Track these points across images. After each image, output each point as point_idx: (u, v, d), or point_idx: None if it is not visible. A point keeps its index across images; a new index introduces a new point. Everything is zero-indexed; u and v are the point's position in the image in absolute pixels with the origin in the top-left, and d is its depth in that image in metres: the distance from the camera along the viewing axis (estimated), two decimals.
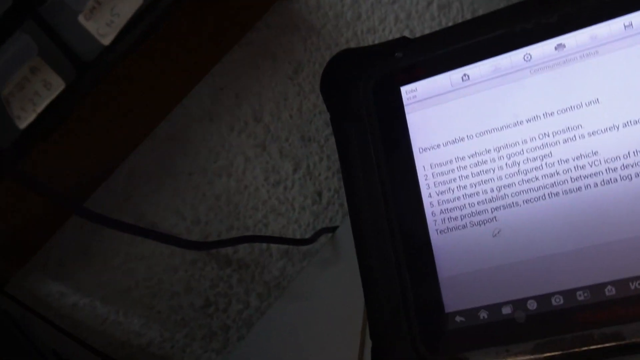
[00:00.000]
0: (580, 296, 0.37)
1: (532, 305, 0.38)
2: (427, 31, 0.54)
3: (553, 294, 0.38)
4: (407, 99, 0.42)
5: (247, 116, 0.52)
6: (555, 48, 0.39)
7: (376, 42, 0.48)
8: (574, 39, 0.39)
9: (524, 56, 0.40)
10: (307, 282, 0.56)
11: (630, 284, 0.37)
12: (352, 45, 0.52)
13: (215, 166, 0.53)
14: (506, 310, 0.39)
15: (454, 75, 0.41)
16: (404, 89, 0.42)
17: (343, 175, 0.44)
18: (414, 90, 0.42)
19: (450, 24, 0.54)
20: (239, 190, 0.54)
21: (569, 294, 0.38)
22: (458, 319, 0.40)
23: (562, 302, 0.38)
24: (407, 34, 0.54)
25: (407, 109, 0.42)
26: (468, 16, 0.54)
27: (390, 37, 0.52)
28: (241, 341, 0.58)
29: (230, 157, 0.53)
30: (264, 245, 0.57)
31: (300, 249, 0.57)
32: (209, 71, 0.50)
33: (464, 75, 0.41)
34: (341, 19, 0.52)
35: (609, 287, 0.37)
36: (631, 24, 0.38)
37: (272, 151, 0.55)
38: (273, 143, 0.55)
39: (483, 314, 0.39)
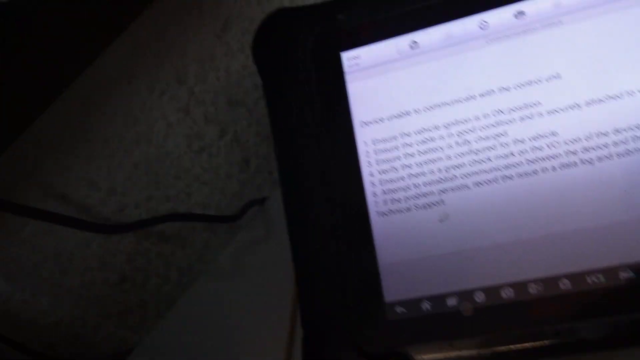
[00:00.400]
0: (533, 289, 0.34)
1: (479, 297, 0.35)
2: None
3: (503, 285, 0.35)
4: (349, 67, 0.38)
5: (169, 77, 0.47)
6: (515, 15, 0.35)
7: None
8: (535, 6, 0.35)
9: (480, 23, 0.36)
10: (232, 258, 0.52)
11: (587, 277, 0.33)
12: (287, 3, 0.47)
13: (133, 132, 0.47)
14: (451, 302, 0.36)
15: (401, 42, 0.37)
16: (345, 55, 0.38)
17: (275, 149, 0.39)
18: (356, 57, 0.38)
19: None
20: (160, 158, 0.49)
21: (520, 286, 0.35)
22: (398, 309, 0.36)
23: (512, 294, 0.35)
24: None
25: (348, 78, 0.38)
26: None
27: None
28: (161, 319, 0.53)
29: (150, 122, 0.47)
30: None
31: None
32: (126, 27, 0.44)
33: (412, 42, 0.37)
34: None
35: (564, 280, 0.34)
36: None
37: (196, 116, 0.50)
38: (197, 107, 0.50)
39: (426, 305, 0.36)
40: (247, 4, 0.48)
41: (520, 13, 0.35)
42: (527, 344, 0.34)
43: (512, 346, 0.35)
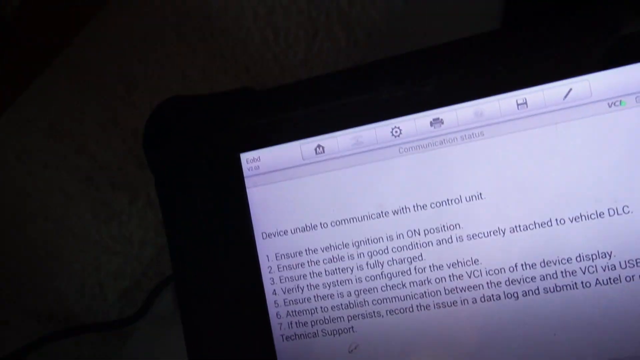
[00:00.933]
0: None
1: None
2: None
3: None
4: (248, 170, 0.33)
5: (65, 149, 0.41)
6: (431, 123, 0.30)
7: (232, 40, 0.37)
8: (454, 114, 0.30)
9: (392, 129, 0.31)
10: (143, 343, 0.46)
11: None
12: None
13: (27, 209, 0.41)
14: None
15: (305, 146, 0.32)
16: (244, 157, 0.33)
17: (172, 259, 0.34)
18: (256, 160, 0.33)
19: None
20: (60, 234, 0.44)
21: None
22: None
23: None
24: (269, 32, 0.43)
25: (247, 183, 0.33)
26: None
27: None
28: None
29: (46, 198, 0.41)
30: (96, 288, 0.47)
31: (141, 292, 0.48)
32: (13, 101, 0.38)
33: (318, 146, 0.32)
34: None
35: None
36: (525, 102, 0.29)
37: (100, 184, 0.44)
38: (102, 174, 0.44)
39: None
40: (154, 61, 0.42)
41: (438, 120, 0.30)
42: None
43: None
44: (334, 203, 0.32)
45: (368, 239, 0.32)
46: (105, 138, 0.44)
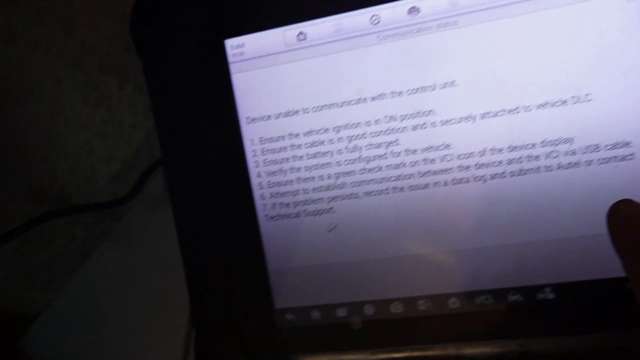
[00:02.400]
0: (422, 306, 0.33)
1: (369, 310, 0.33)
2: None
3: (393, 300, 0.33)
4: (233, 56, 0.34)
5: (54, 31, 0.42)
6: (408, 11, 0.31)
7: None
8: (430, 2, 0.31)
9: (372, 17, 0.32)
10: (136, 223, 0.49)
11: (476, 298, 0.31)
12: None
13: (17, 93, 0.42)
14: (341, 312, 0.34)
15: (288, 32, 0.33)
16: (228, 43, 0.34)
17: (160, 142, 0.36)
18: (241, 46, 0.34)
19: None
20: (52, 117, 0.45)
21: (409, 301, 0.33)
22: (288, 316, 0.35)
23: (401, 310, 0.33)
24: None
25: (232, 68, 0.34)
26: None
27: None
28: (69, 281, 0.52)
29: (35, 81, 0.43)
30: (89, 171, 0.49)
31: (132, 174, 0.49)
32: None
33: (300, 33, 0.33)
34: None
35: (453, 299, 0.32)
36: None
37: (89, 68, 0.45)
38: (90, 58, 0.45)
39: (316, 315, 0.34)
40: None
41: (414, 9, 0.31)
42: None
43: None
44: (315, 89, 0.34)
45: (347, 124, 0.33)
46: (93, 22, 0.45)
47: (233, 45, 0.34)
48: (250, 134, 0.35)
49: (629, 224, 0.25)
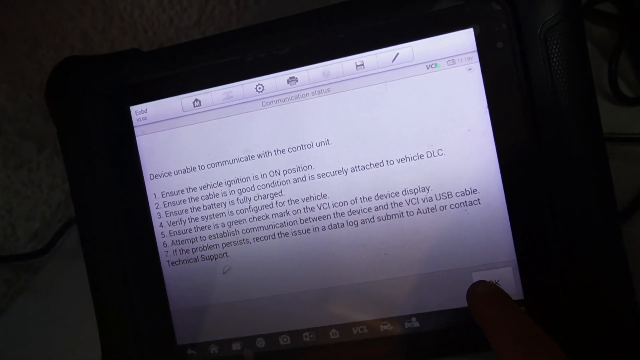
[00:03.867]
0: (307, 337, 0.37)
1: (260, 343, 0.38)
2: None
3: (281, 333, 0.38)
4: (137, 120, 0.39)
5: None
6: (288, 81, 0.37)
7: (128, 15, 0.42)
8: (306, 73, 0.36)
9: (257, 86, 0.37)
10: (53, 275, 0.52)
11: (353, 329, 0.36)
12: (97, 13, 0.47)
13: None
14: (236, 346, 0.38)
15: (185, 100, 0.38)
16: (133, 109, 0.39)
17: (73, 197, 0.40)
18: (144, 112, 0.39)
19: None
20: None
21: (295, 334, 0.38)
22: (190, 352, 0.39)
23: (289, 342, 0.37)
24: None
25: (137, 131, 0.39)
26: None
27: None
28: None
29: None
30: (9, 229, 0.52)
31: (50, 232, 0.53)
32: None
33: (196, 100, 0.38)
34: None
35: (334, 330, 0.37)
36: (363, 64, 0.36)
37: (10, 134, 0.49)
38: (11, 125, 0.49)
39: (214, 349, 0.39)
40: (55, 22, 0.47)
41: (293, 79, 0.37)
42: None
43: None
44: (210, 148, 0.39)
45: (238, 179, 0.38)
46: (13, 92, 0.49)
47: (137, 111, 0.39)
48: (153, 189, 0.39)
49: (484, 302, 0.31)
